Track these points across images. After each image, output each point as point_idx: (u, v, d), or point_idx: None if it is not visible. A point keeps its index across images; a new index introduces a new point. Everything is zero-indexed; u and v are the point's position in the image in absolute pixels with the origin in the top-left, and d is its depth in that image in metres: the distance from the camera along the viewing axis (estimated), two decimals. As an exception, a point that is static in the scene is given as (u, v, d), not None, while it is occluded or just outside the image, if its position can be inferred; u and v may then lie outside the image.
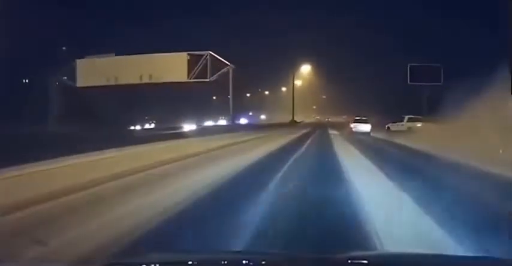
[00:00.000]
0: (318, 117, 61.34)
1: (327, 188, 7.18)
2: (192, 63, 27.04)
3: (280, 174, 8.85)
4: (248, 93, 62.60)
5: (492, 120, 14.36)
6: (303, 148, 16.15)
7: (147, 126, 33.95)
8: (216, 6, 32.94)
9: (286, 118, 47.16)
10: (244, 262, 2.08)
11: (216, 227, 4.74)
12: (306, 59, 46.57)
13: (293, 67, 46.37)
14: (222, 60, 27.22)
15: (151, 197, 6.32)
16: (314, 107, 63.69)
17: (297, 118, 49.63)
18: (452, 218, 5.04)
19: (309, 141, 20.62)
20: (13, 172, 7.12)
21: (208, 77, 27.01)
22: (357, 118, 27.49)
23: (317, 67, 48.13)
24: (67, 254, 3.71)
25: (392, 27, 37.05)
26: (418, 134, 20.35)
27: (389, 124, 27.19)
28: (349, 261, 2.08)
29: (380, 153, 14.25)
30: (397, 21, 37.26)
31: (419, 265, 2.08)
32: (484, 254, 3.45)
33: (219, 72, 27.29)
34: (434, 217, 5.11)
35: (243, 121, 47.11)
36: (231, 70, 27.23)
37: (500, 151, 11.58)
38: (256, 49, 34.51)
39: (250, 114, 61.62)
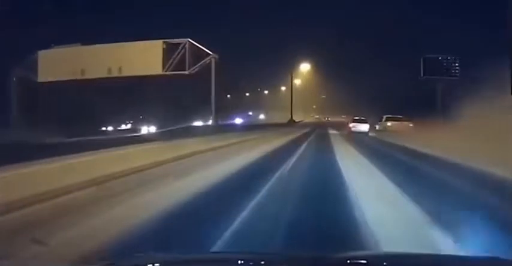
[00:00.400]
0: (317, 117, 61.38)
1: None
2: (168, 53, 23.02)
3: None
4: (247, 92, 63.55)
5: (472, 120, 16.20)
6: (300, 150, 13.47)
7: (123, 126, 29.84)
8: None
9: (286, 118, 46.20)
10: (244, 262, 2.04)
11: None
12: (306, 58, 46.75)
13: (292, 66, 45.90)
14: (204, 49, 23.14)
15: None
16: (314, 107, 64.38)
17: (296, 118, 48.93)
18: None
19: (306, 143, 17.00)
20: None
21: (186, 69, 22.97)
22: (356, 118, 28.20)
23: (317, 66, 48.57)
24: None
25: (395, 24, 36.19)
26: (394, 132, 23.32)
27: (376, 124, 28.59)
28: (349, 261, 2.08)
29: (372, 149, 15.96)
30: (399, 17, 36.42)
31: (419, 265, 2.08)
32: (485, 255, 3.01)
33: (200, 63, 23.22)
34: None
35: (238, 121, 45.35)
36: (213, 61, 23.04)
37: None
38: (256, 47, 32.95)
39: (250, 113, 62.69)
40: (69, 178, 6.22)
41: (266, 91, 69.24)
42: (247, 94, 72.32)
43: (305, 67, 49.90)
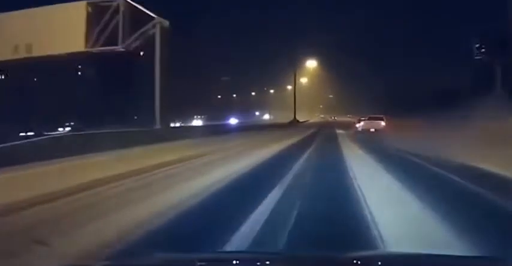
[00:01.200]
0: (323, 116, 61.61)
1: None
2: (94, 20, 15.73)
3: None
4: (253, 91, 64.84)
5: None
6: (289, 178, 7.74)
7: (60, 130, 22.53)
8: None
9: (292, 118, 43.86)
10: (248, 262, 2.05)
11: None
12: (313, 55, 47.22)
13: (296, 63, 45.05)
14: (147, 11, 15.56)
15: None
16: (321, 106, 66.25)
17: (301, 118, 45.63)
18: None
19: (302, 160, 10.48)
20: None
21: (119, 43, 15.57)
22: (362, 118, 30.84)
23: (323, 65, 48.89)
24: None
25: (404, 14, 32.93)
26: (367, 130, 26.93)
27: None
28: (355, 261, 2.07)
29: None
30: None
31: (424, 265, 2.10)
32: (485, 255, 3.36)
33: (137, 33, 15.64)
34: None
35: (232, 121, 43.00)
36: (158, 29, 15.47)
37: None
38: (257, 45, 29.96)
39: (257, 113, 63.28)
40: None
41: (272, 91, 67.36)
42: (253, 93, 70.23)
43: (311, 64, 50.78)
